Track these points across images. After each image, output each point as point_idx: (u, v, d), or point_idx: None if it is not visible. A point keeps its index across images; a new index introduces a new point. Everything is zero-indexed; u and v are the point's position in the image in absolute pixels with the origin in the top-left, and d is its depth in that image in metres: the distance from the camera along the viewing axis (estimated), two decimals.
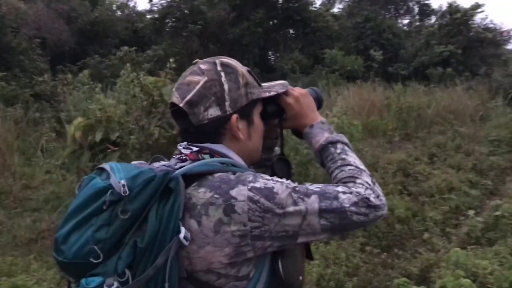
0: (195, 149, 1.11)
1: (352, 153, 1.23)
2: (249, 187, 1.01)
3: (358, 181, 1.13)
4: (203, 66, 1.14)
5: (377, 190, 1.12)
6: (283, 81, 1.30)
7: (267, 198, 1.01)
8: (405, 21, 28.73)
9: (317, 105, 1.33)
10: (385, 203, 1.12)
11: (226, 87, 1.11)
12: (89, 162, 5.39)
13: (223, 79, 1.12)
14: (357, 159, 1.21)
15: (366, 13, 21.69)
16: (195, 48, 19.83)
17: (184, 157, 1.11)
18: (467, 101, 11.95)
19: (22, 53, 14.44)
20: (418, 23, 27.50)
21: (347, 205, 1.06)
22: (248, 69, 1.20)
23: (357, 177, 1.14)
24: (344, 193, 1.07)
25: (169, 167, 1.09)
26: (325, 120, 1.30)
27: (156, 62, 16.76)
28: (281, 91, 1.25)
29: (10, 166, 7.17)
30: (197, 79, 1.11)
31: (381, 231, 4.94)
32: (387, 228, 5.02)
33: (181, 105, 1.10)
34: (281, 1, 21.10)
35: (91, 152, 5.44)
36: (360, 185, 1.11)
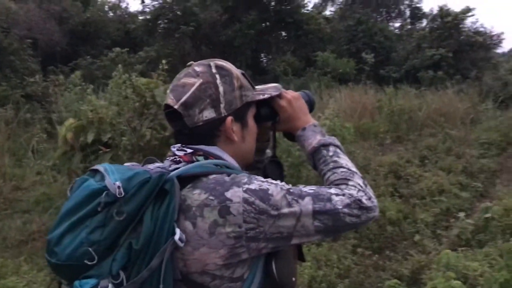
0: (189, 151, 1.12)
1: (344, 155, 1.25)
2: (244, 189, 1.02)
3: (350, 183, 1.14)
4: (198, 68, 1.14)
5: (369, 192, 1.14)
6: (276, 84, 1.31)
7: (262, 199, 1.02)
8: (397, 24, 28.96)
9: (309, 108, 1.35)
10: (377, 205, 1.14)
11: (221, 89, 1.12)
12: (80, 163, 5.36)
13: (218, 81, 1.12)
14: (349, 162, 1.23)
15: (358, 16, 21.76)
16: (188, 49, 19.80)
17: (178, 159, 1.11)
18: (457, 104, 12.04)
19: (13, 53, 14.33)
20: (409, 27, 27.66)
21: (340, 207, 1.07)
22: (242, 71, 1.21)
23: (349, 179, 1.15)
24: (337, 195, 1.09)
25: (163, 169, 1.09)
26: (317, 122, 1.32)
27: (148, 63, 16.72)
28: (274, 94, 1.26)
29: (0, 167, 7.12)
30: (192, 81, 1.12)
31: (373, 233, 4.96)
32: (379, 230, 5.04)
33: (176, 106, 1.10)
34: (273, 3, 21.13)
35: (82, 153, 5.41)
36: (352, 187, 1.13)
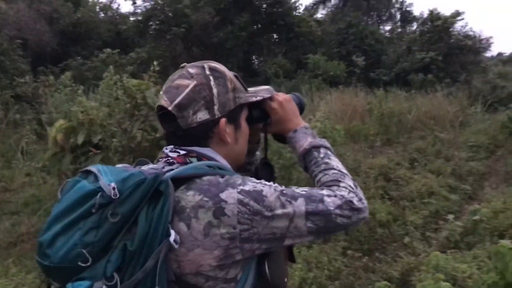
0: (182, 152, 1.12)
1: (334, 157, 1.26)
2: (239, 190, 1.03)
3: (341, 184, 1.16)
4: (192, 70, 1.15)
5: (359, 193, 1.16)
6: (268, 86, 1.32)
7: (256, 200, 1.02)
8: (387, 28, 29.17)
9: (299, 110, 1.36)
10: (367, 206, 1.15)
11: (215, 91, 1.12)
12: (70, 165, 5.34)
13: (212, 83, 1.13)
14: (339, 163, 1.24)
15: (349, 19, 21.87)
16: (179, 51, 19.78)
17: (171, 160, 1.12)
18: (447, 107, 12.13)
19: (2, 53, 14.20)
20: (399, 30, 27.84)
21: (332, 208, 1.08)
22: (235, 74, 1.21)
23: (340, 181, 1.17)
24: (329, 196, 1.10)
25: (157, 170, 1.09)
26: (308, 125, 1.33)
27: (139, 64, 16.67)
28: (266, 96, 1.27)
29: None
30: (186, 82, 1.12)
31: (363, 235, 4.98)
32: (369, 232, 5.06)
33: (170, 108, 1.10)
34: (265, 6, 21.15)
35: (72, 154, 5.39)
36: (343, 189, 1.14)
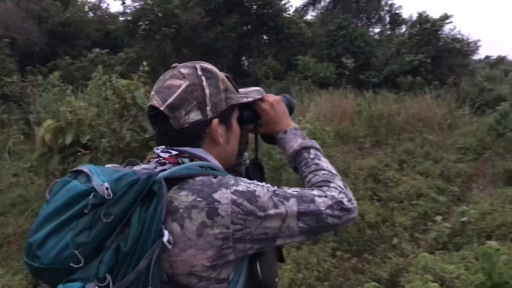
0: (174, 152, 1.11)
1: (324, 158, 1.27)
2: (232, 190, 1.03)
3: (331, 185, 1.17)
4: (184, 70, 1.14)
5: (349, 194, 1.17)
6: (258, 87, 1.33)
7: (250, 201, 1.03)
8: (377, 30, 29.27)
9: (289, 112, 1.37)
10: (356, 206, 1.17)
11: (207, 91, 1.12)
12: (58, 165, 5.29)
13: (204, 83, 1.13)
14: (329, 164, 1.25)
15: (338, 21, 21.95)
16: (168, 51, 19.73)
17: (163, 161, 1.11)
18: (435, 109, 12.22)
19: None
20: (389, 32, 27.98)
21: (323, 208, 1.09)
22: (226, 74, 1.21)
23: (330, 181, 1.18)
24: (319, 196, 1.11)
25: (149, 170, 1.08)
26: (298, 126, 1.34)
27: (128, 65, 16.59)
28: (257, 97, 1.28)
29: None
30: (178, 83, 1.11)
31: (352, 236, 5.00)
32: (358, 233, 5.08)
33: (162, 108, 1.09)
34: (255, 7, 21.17)
35: (60, 155, 5.34)
36: (334, 189, 1.15)
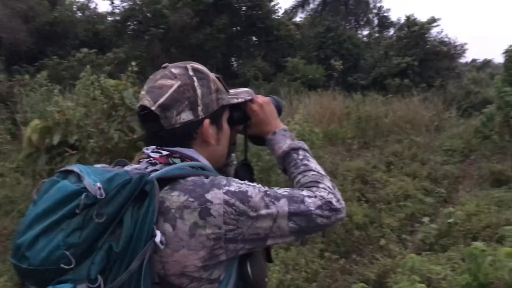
0: (165, 153, 1.11)
1: (313, 159, 1.28)
2: (225, 191, 1.03)
3: (320, 185, 1.18)
4: (175, 70, 1.14)
5: (337, 194, 1.18)
6: (248, 88, 1.33)
7: (242, 201, 1.03)
8: (365, 32, 29.49)
9: (277, 113, 1.38)
10: (344, 206, 1.18)
11: (199, 92, 1.12)
12: (45, 165, 5.23)
13: (196, 84, 1.12)
14: (318, 165, 1.26)
15: (327, 23, 22.07)
16: (157, 52, 19.64)
17: (153, 161, 1.10)
18: (423, 111, 12.34)
19: None
20: (377, 35, 28.19)
21: (312, 208, 1.10)
22: (217, 75, 1.21)
23: (319, 182, 1.19)
24: (309, 197, 1.12)
25: (140, 170, 1.08)
26: (286, 127, 1.35)
27: (116, 65, 16.49)
28: (248, 98, 1.28)
29: None
30: (169, 83, 1.11)
31: (340, 237, 5.02)
32: (346, 234, 5.10)
33: (153, 108, 1.09)
34: (244, 8, 21.20)
35: (48, 155, 5.29)
36: (323, 190, 1.16)
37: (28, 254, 0.93)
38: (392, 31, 26.65)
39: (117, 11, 21.35)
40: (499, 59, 22.11)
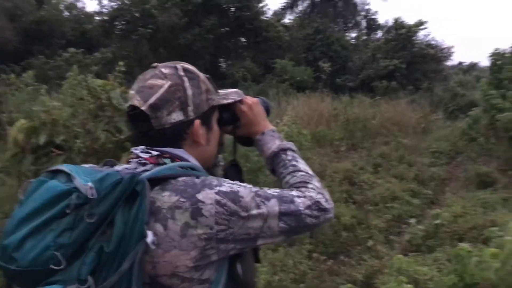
0: (155, 153, 1.10)
1: (301, 160, 1.29)
2: (216, 191, 1.02)
3: (309, 186, 1.18)
4: (165, 70, 1.13)
5: (326, 194, 1.19)
6: (237, 89, 1.34)
7: (233, 201, 1.02)
8: (353, 35, 29.56)
9: (266, 114, 1.38)
10: (333, 206, 1.18)
11: (189, 92, 1.12)
12: (31, 166, 5.17)
13: (186, 84, 1.12)
14: (306, 166, 1.27)
15: (316, 25, 22.16)
16: (145, 52, 19.55)
17: (143, 161, 1.09)
18: (410, 113, 12.44)
19: None
20: (365, 37, 28.32)
21: (302, 208, 1.10)
22: (207, 76, 1.21)
23: (308, 182, 1.19)
24: (298, 197, 1.12)
25: (130, 170, 1.06)
26: (275, 128, 1.36)
27: (104, 65, 16.39)
28: (237, 99, 1.29)
29: None
30: (160, 82, 1.10)
31: (328, 238, 5.03)
32: (334, 235, 5.12)
33: (143, 108, 1.08)
34: (233, 9, 21.20)
35: (33, 155, 5.23)
36: (312, 190, 1.17)
37: (15, 255, 0.91)
38: (380, 33, 26.86)
39: (105, 10, 21.27)
40: (485, 62, 22.41)
